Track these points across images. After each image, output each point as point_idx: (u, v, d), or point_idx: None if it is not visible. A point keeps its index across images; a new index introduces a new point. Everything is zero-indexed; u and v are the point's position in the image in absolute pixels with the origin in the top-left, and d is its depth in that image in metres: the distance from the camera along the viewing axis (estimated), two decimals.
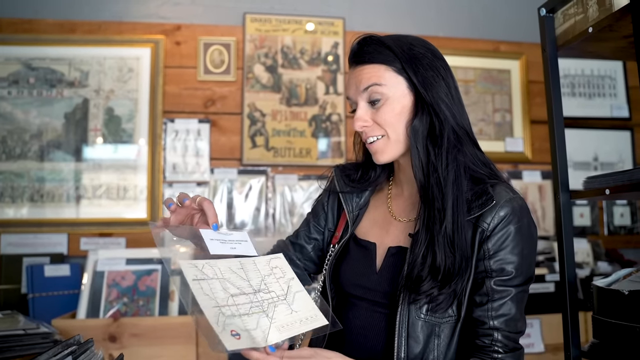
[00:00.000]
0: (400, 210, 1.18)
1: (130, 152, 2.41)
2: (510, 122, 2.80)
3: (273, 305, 1.00)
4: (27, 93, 2.37)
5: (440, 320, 1.04)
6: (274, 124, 2.53)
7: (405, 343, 1.03)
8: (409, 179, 1.16)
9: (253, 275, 1.03)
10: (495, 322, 1.02)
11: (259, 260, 1.08)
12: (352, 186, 1.22)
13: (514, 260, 1.03)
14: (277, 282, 1.05)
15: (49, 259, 2.25)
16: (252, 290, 1.00)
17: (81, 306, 1.96)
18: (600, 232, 2.87)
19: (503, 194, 1.06)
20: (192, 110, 2.49)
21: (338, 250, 1.18)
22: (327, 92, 2.59)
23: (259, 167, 2.51)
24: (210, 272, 0.99)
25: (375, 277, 1.11)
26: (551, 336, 2.11)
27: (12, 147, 2.34)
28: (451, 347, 1.05)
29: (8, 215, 2.31)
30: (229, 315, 0.94)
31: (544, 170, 2.79)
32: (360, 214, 1.22)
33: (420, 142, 1.07)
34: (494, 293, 1.02)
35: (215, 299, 0.95)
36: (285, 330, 0.97)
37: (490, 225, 1.03)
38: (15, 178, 2.33)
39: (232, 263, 1.03)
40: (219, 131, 2.50)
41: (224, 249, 1.03)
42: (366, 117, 1.09)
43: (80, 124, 2.39)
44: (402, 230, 1.13)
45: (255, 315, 0.97)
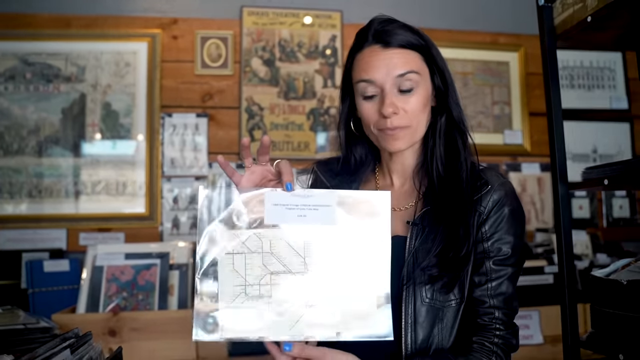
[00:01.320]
0: (392, 200, 1.17)
1: (129, 147, 2.41)
2: (509, 114, 2.79)
3: (319, 294, 0.89)
4: (24, 88, 2.36)
5: (444, 304, 1.05)
6: (272, 118, 2.53)
7: (412, 329, 1.05)
8: (404, 168, 1.16)
9: (316, 251, 0.89)
10: (494, 301, 1.05)
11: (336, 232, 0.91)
12: (339, 180, 1.20)
13: (510, 240, 1.06)
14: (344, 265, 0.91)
15: (48, 254, 2.25)
16: (302, 269, 0.88)
17: (81, 301, 1.96)
18: (600, 224, 2.88)
19: (494, 178, 1.10)
20: (189, 105, 2.48)
21: None
22: (325, 86, 2.58)
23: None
24: (255, 245, 0.88)
25: None
26: (550, 328, 2.12)
27: (10, 142, 2.33)
28: (453, 330, 1.06)
29: (6, 211, 2.31)
30: (253, 296, 0.85)
31: (543, 163, 2.79)
32: None
33: (441, 138, 1.10)
34: (492, 273, 1.06)
35: (245, 276, 0.86)
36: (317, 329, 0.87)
37: (487, 209, 1.06)
38: (14, 174, 2.32)
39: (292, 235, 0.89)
40: (217, 125, 2.50)
41: (287, 217, 0.90)
42: (397, 103, 1.05)
43: (78, 119, 2.38)
44: (397, 219, 1.13)
45: (291, 302, 0.87)
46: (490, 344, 1.05)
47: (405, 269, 1.05)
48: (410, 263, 1.05)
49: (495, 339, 1.05)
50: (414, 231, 1.08)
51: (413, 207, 1.12)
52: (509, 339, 1.06)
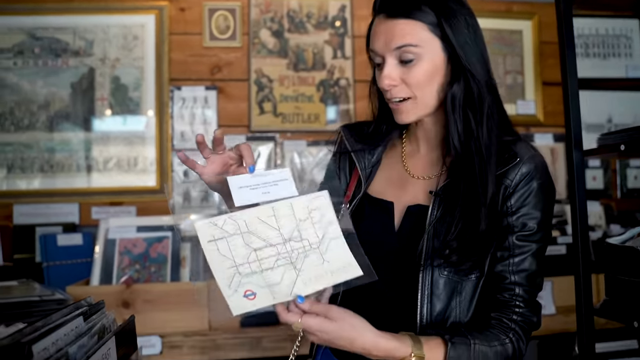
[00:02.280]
0: (417, 168, 1.15)
1: (139, 121, 2.40)
2: (522, 84, 2.75)
3: (303, 255, 0.94)
4: (33, 63, 2.35)
5: (463, 277, 1.03)
6: (282, 90, 2.51)
7: (428, 301, 1.03)
8: (428, 137, 1.13)
9: (286, 221, 0.94)
10: (516, 277, 1.03)
11: (297, 202, 0.96)
12: (363, 143, 1.19)
13: (537, 215, 1.03)
14: (312, 227, 0.95)
15: (61, 228, 2.27)
16: (281, 240, 0.93)
17: (94, 274, 1.98)
18: (613, 195, 2.84)
19: (525, 151, 1.05)
20: (198, 78, 2.47)
21: (351, 209, 1.16)
22: (335, 57, 2.55)
23: (267, 134, 2.49)
24: (232, 228, 0.91)
25: (395, 236, 1.10)
26: (562, 298, 2.11)
27: (20, 118, 2.34)
28: (472, 303, 1.05)
29: (19, 187, 2.32)
30: (246, 273, 0.89)
31: (556, 133, 2.75)
32: (373, 172, 1.18)
33: (458, 109, 1.03)
34: (516, 248, 1.03)
35: (233, 258, 0.90)
36: (312, 283, 0.92)
37: (514, 182, 1.03)
38: (25, 149, 2.33)
39: (262, 211, 0.94)
40: (226, 98, 2.48)
41: (254, 196, 0.95)
42: (395, 75, 1.03)
43: (87, 94, 2.38)
44: (421, 189, 1.11)
45: (280, 269, 0.92)
46: (508, 320, 1.02)
47: (425, 240, 1.03)
48: (431, 234, 1.04)
49: (514, 315, 1.02)
50: (437, 202, 1.05)
51: (437, 178, 1.10)
52: (529, 317, 1.03)
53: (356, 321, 0.96)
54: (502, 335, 1.01)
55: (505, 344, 1.00)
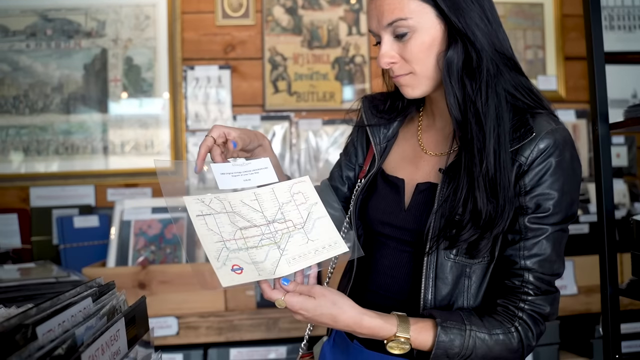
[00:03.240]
0: (431, 143, 1.10)
1: (153, 102, 2.38)
2: (543, 59, 2.67)
3: (287, 235, 0.97)
4: (46, 45, 2.34)
5: (472, 261, 0.98)
6: (296, 68, 2.46)
7: (432, 284, 0.99)
8: (441, 111, 1.08)
9: (269, 205, 0.99)
10: (527, 262, 0.96)
11: (279, 187, 1.02)
12: (379, 117, 1.15)
13: (553, 196, 0.95)
14: (296, 209, 1.00)
15: (77, 210, 2.27)
16: (265, 221, 0.97)
17: (110, 255, 1.98)
18: (638, 173, 2.76)
19: (544, 124, 0.97)
20: (211, 57, 2.43)
21: (365, 185, 1.13)
22: (350, 33, 2.49)
23: (282, 113, 2.46)
24: (218, 206, 0.95)
25: (403, 215, 1.06)
26: (584, 278, 2.06)
27: (35, 100, 2.33)
28: (482, 288, 1.00)
29: (36, 169, 2.32)
30: (233, 249, 0.92)
31: (579, 109, 2.67)
32: (388, 146, 1.15)
33: (455, 76, 0.97)
34: (528, 231, 0.96)
35: (220, 233, 0.93)
36: (296, 262, 0.95)
37: (529, 159, 0.95)
38: (40, 132, 2.33)
39: (244, 195, 0.99)
40: (240, 77, 2.45)
41: (236, 183, 1.00)
42: (392, 52, 0.99)
43: (100, 75, 2.36)
44: (432, 166, 1.07)
45: (265, 248, 0.94)
46: (515, 308, 0.96)
47: (432, 220, 0.99)
48: (438, 214, 0.99)
49: (522, 303, 0.96)
50: (445, 180, 1.00)
51: (448, 155, 1.04)
52: (540, 306, 0.96)
53: (337, 298, 0.94)
54: (507, 323, 0.95)
55: (509, 333, 0.95)
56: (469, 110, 0.97)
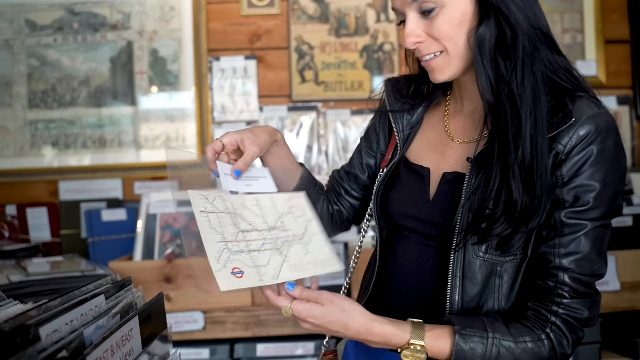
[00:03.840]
0: (459, 130, 1.03)
1: (179, 93, 2.36)
2: (582, 43, 2.54)
3: (288, 244, 0.96)
4: (72, 39, 2.34)
5: (503, 259, 0.90)
6: (324, 57, 2.40)
7: (460, 284, 0.91)
8: (470, 95, 1.00)
9: (269, 212, 0.98)
10: (562, 261, 0.87)
11: (278, 197, 1.02)
12: (403, 102, 1.08)
13: (594, 187, 0.86)
14: (295, 221, 0.99)
15: (105, 204, 2.27)
16: (266, 227, 0.95)
17: (137, 249, 1.97)
18: None
19: (585, 109, 0.88)
20: (237, 47, 2.39)
21: (387, 174, 1.06)
22: (379, 20, 2.42)
23: (309, 103, 2.40)
24: (222, 206, 0.93)
25: (428, 207, 0.99)
26: (627, 274, 1.95)
27: (62, 94, 2.33)
28: (515, 289, 0.92)
29: (64, 163, 2.33)
30: (235, 251, 0.89)
31: (621, 95, 2.53)
32: (412, 133, 1.07)
33: (488, 55, 0.89)
34: (564, 227, 0.87)
35: (223, 233, 0.90)
36: (298, 271, 0.93)
37: (567, 147, 0.87)
38: (68, 126, 2.33)
39: (246, 199, 0.98)
40: (267, 67, 2.40)
41: (238, 186, 0.99)
42: (419, 31, 0.92)
43: (126, 68, 2.35)
44: (460, 154, 1.00)
45: (267, 252, 0.92)
46: (548, 312, 0.87)
47: (460, 214, 0.91)
48: (466, 207, 0.91)
49: (556, 307, 0.87)
50: (474, 170, 0.92)
51: (478, 142, 0.96)
52: (576, 310, 0.88)
53: (347, 305, 0.89)
54: (537, 329, 0.87)
55: (540, 341, 0.86)
56: (502, 92, 0.89)
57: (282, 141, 1.09)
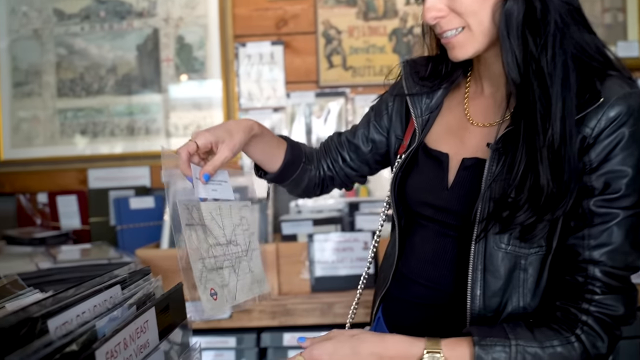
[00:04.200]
0: (478, 113, 0.97)
1: (205, 80, 2.34)
2: (624, 22, 2.42)
3: (239, 260, 0.93)
4: (99, 27, 2.33)
5: (527, 251, 0.85)
6: (351, 42, 2.35)
7: (481, 277, 0.86)
8: (492, 74, 0.95)
9: (227, 223, 0.94)
10: (592, 254, 0.81)
11: (234, 205, 0.96)
12: (421, 84, 1.02)
13: (626, 173, 0.80)
14: (242, 234, 0.96)
15: (133, 191, 2.27)
16: (225, 240, 0.92)
17: (164, 237, 1.97)
18: None
19: (615, 89, 0.82)
20: (263, 33, 2.35)
21: (404, 161, 1.01)
22: (408, 2, 2.34)
23: (337, 89, 2.35)
24: (197, 217, 0.89)
25: (446, 194, 0.94)
26: None
27: (90, 83, 2.34)
28: (541, 284, 0.86)
29: (93, 151, 2.34)
30: (209, 268, 0.86)
31: None
32: (431, 118, 1.02)
33: (515, 31, 0.83)
34: (594, 216, 0.81)
35: (200, 249, 0.87)
36: (245, 292, 0.91)
37: (595, 130, 0.81)
38: (96, 114, 2.34)
39: (212, 207, 0.92)
40: (293, 53, 2.36)
41: (207, 191, 0.93)
42: (440, 5, 0.87)
43: (152, 55, 2.33)
44: (480, 138, 0.94)
45: (227, 270, 0.90)
46: (578, 311, 0.81)
47: (480, 203, 0.86)
48: (487, 196, 0.85)
49: (586, 305, 0.81)
50: (495, 156, 0.87)
51: (499, 126, 0.91)
52: (610, 307, 0.81)
53: (355, 331, 0.88)
54: (566, 331, 0.80)
55: (569, 344, 0.80)
56: (530, 70, 0.83)
57: (260, 132, 1.04)
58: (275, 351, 1.78)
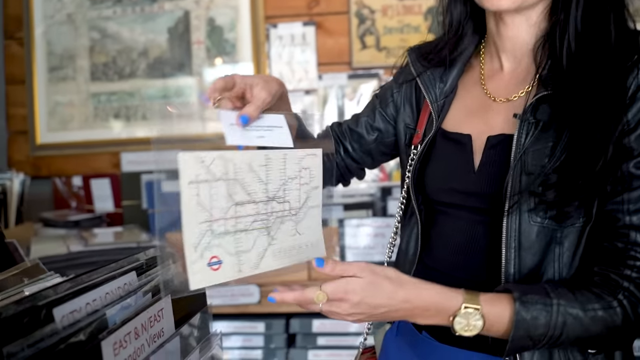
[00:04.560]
0: (500, 88, 0.91)
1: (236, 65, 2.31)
2: None
3: (280, 221, 0.81)
4: (131, 10, 2.33)
5: (561, 224, 0.79)
6: (385, 21, 2.27)
7: (516, 255, 0.80)
8: (514, 47, 0.89)
9: (275, 176, 0.80)
10: (632, 219, 0.76)
11: (292, 155, 0.82)
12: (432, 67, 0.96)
13: None
14: (298, 189, 0.83)
15: (165, 175, 2.27)
16: (265, 197, 0.79)
17: None
18: None
19: None
20: (295, 13, 2.30)
21: (422, 150, 0.94)
22: None
23: (370, 70, 2.29)
24: (220, 170, 0.75)
25: (473, 177, 0.87)
26: None
27: (122, 66, 2.34)
28: (577, 256, 0.80)
29: (125, 135, 2.35)
30: (219, 233, 0.74)
31: None
32: (447, 102, 0.96)
33: None
34: (633, 179, 0.76)
35: (211, 209, 0.74)
36: (281, 257, 0.80)
37: (632, 87, 0.76)
38: (128, 97, 2.34)
39: (255, 157, 0.78)
40: (325, 34, 2.30)
41: (247, 138, 0.80)
42: None
43: (184, 38, 2.32)
44: (504, 114, 0.88)
45: (254, 233, 0.77)
46: (618, 276, 0.76)
47: (511, 178, 0.80)
48: (518, 170, 0.80)
49: (628, 270, 0.76)
50: (524, 127, 0.81)
51: (525, 97, 0.86)
52: None
53: (389, 271, 0.78)
54: (608, 295, 0.76)
55: (612, 308, 0.75)
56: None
57: (287, 96, 0.95)
58: (304, 337, 1.76)
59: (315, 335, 1.76)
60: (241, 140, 0.80)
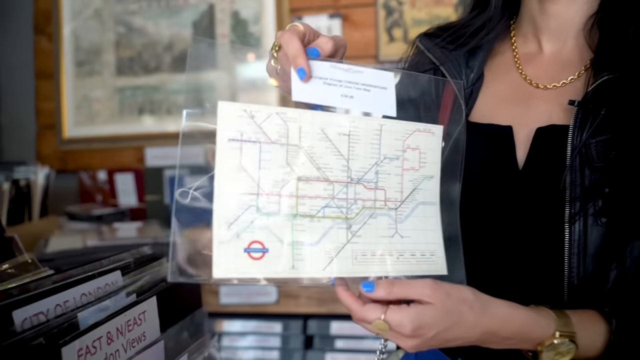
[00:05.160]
0: (542, 74, 0.82)
1: None
2: None
3: (370, 212, 0.61)
4: (156, 5, 2.31)
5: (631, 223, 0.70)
6: (413, 13, 2.19)
7: (580, 261, 0.71)
8: (560, 26, 0.80)
9: (363, 152, 0.60)
10: None
11: (393, 127, 0.63)
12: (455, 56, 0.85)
13: None
14: (400, 175, 0.63)
15: (188, 170, 2.25)
16: (346, 177, 0.60)
17: None
18: None
19: None
20: (320, 5, 2.24)
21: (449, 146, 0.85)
22: None
23: (397, 64, 2.20)
24: (275, 132, 0.57)
25: (518, 175, 0.77)
26: None
27: (147, 61, 2.33)
28: None
29: (149, 129, 2.34)
30: (268, 212, 0.56)
31: None
32: (474, 91, 0.86)
33: None
34: None
35: (259, 180, 0.56)
36: (365, 263, 0.59)
37: None
38: (153, 92, 2.33)
39: (332, 121, 0.60)
40: (352, 26, 2.23)
41: (326, 95, 0.60)
42: None
43: (208, 31, 2.29)
44: (552, 102, 0.78)
45: (326, 222, 0.58)
46: None
47: (569, 175, 0.71)
48: (577, 165, 0.71)
49: None
50: (580, 116, 0.72)
51: (577, 82, 0.77)
52: None
53: (465, 291, 0.63)
54: None
55: None
56: None
57: None
58: (322, 339, 1.71)
59: (334, 338, 1.70)
60: (313, 97, 0.60)
